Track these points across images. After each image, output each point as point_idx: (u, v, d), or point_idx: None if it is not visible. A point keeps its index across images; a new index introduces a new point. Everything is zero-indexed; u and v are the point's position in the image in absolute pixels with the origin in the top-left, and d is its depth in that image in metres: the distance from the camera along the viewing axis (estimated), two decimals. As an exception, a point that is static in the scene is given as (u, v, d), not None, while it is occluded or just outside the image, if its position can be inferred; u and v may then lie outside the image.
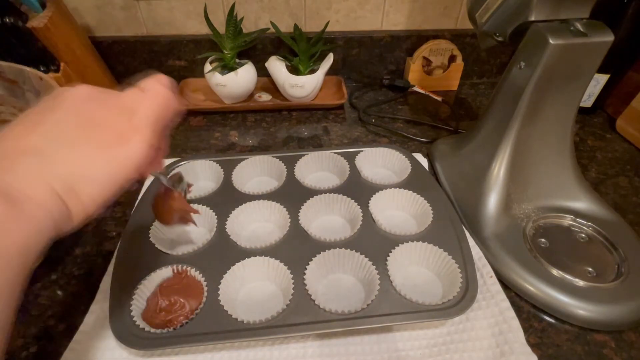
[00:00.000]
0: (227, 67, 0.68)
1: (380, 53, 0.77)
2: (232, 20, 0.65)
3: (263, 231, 0.49)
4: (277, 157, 0.56)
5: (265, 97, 0.73)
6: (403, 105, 0.76)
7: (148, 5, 0.69)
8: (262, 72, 0.72)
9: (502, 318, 0.40)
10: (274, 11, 0.72)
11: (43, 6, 0.59)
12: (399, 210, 0.52)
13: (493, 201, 0.48)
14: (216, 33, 0.67)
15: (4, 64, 0.47)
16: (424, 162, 0.59)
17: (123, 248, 0.45)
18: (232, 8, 0.65)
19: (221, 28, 0.67)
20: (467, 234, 0.47)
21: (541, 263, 0.44)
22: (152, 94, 0.27)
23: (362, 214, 0.48)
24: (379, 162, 0.59)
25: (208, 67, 0.67)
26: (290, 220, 0.48)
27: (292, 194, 0.51)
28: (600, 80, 0.66)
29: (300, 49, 0.69)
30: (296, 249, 0.44)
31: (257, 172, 0.57)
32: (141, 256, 0.44)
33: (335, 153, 0.57)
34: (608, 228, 0.47)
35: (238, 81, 0.67)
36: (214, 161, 0.56)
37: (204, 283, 0.41)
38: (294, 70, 0.71)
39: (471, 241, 0.47)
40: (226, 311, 0.38)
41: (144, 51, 0.73)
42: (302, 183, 0.53)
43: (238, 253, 0.44)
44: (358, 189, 0.52)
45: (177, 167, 0.55)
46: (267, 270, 0.43)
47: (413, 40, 0.76)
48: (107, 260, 0.45)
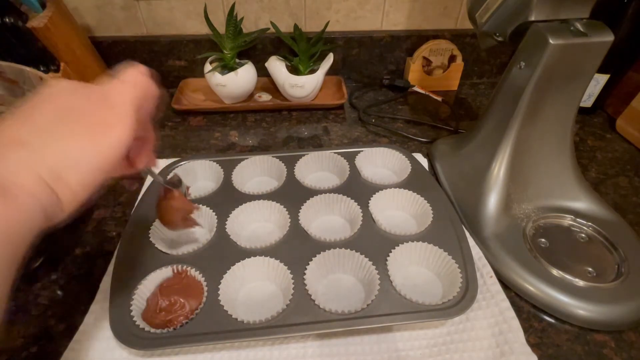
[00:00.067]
0: (227, 67, 0.68)
1: (380, 53, 0.77)
2: (232, 20, 0.65)
3: (263, 231, 0.49)
4: (277, 157, 0.56)
5: (265, 97, 0.73)
6: (403, 105, 0.76)
7: (148, 5, 0.69)
8: (262, 72, 0.72)
9: (502, 318, 0.40)
10: (274, 11, 0.72)
11: (43, 6, 0.59)
12: (399, 210, 0.52)
13: (493, 201, 0.48)
14: (216, 33, 0.67)
15: (4, 64, 0.47)
16: (424, 162, 0.59)
17: (123, 248, 0.45)
18: (232, 8, 0.65)
19: (221, 28, 0.67)
20: (467, 234, 0.47)
21: (541, 263, 0.44)
22: (131, 83, 0.27)
23: (362, 214, 0.48)
24: (379, 162, 0.59)
25: (208, 67, 0.67)
26: (290, 220, 0.48)
27: (292, 194, 0.51)
28: (600, 80, 0.66)
29: (300, 49, 0.69)
30: (296, 249, 0.44)
31: (257, 172, 0.57)
32: (141, 256, 0.44)
33: (335, 153, 0.57)
34: (608, 228, 0.47)
35: (238, 81, 0.68)
36: (214, 161, 0.56)
37: (204, 283, 0.41)
38: (294, 70, 0.71)
39: (471, 241, 0.47)
40: (226, 311, 0.38)
41: (144, 51, 0.73)
42: (302, 183, 0.53)
43: (238, 253, 0.44)
44: (358, 189, 0.52)
45: (177, 167, 0.55)
46: (267, 270, 0.43)
47: (413, 40, 0.76)
48: (107, 260, 0.45)
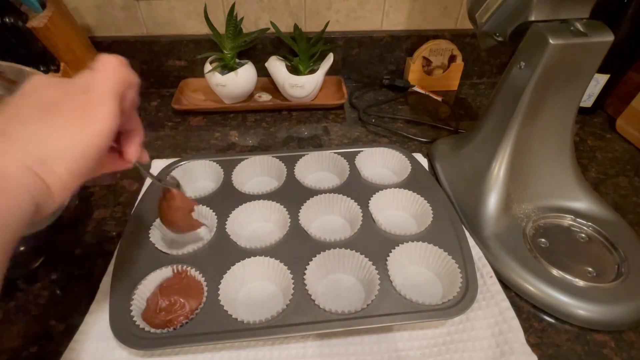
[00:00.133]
0: (227, 67, 0.68)
1: (380, 53, 0.77)
2: (232, 20, 0.65)
3: (263, 231, 0.49)
4: (277, 157, 0.56)
5: (265, 97, 0.73)
6: (403, 105, 0.76)
7: (148, 5, 0.69)
8: (262, 72, 0.72)
9: (502, 318, 0.40)
10: (274, 11, 0.72)
11: (43, 6, 0.59)
12: (399, 210, 0.52)
13: (493, 201, 0.48)
14: (216, 33, 0.67)
15: (4, 64, 0.47)
16: (424, 162, 0.59)
17: (123, 248, 0.45)
18: (232, 8, 0.65)
19: (221, 28, 0.67)
20: (467, 234, 0.47)
21: (541, 263, 0.44)
22: (108, 71, 0.28)
23: (362, 214, 0.48)
24: (379, 162, 0.59)
25: (208, 67, 0.67)
26: (290, 220, 0.48)
27: (292, 194, 0.51)
28: (600, 80, 0.66)
29: (300, 49, 0.69)
30: (296, 249, 0.44)
31: (257, 172, 0.57)
32: (141, 256, 0.44)
33: (335, 153, 0.57)
34: (608, 228, 0.47)
35: (238, 81, 0.68)
36: (214, 161, 0.56)
37: (204, 283, 0.41)
38: (294, 70, 0.71)
39: (471, 241, 0.47)
40: (226, 311, 0.38)
41: (144, 51, 0.73)
42: (302, 183, 0.53)
43: (238, 253, 0.44)
44: (358, 189, 0.52)
45: (177, 167, 0.55)
46: (267, 270, 0.43)
47: (413, 40, 0.76)
48: (107, 260, 0.45)
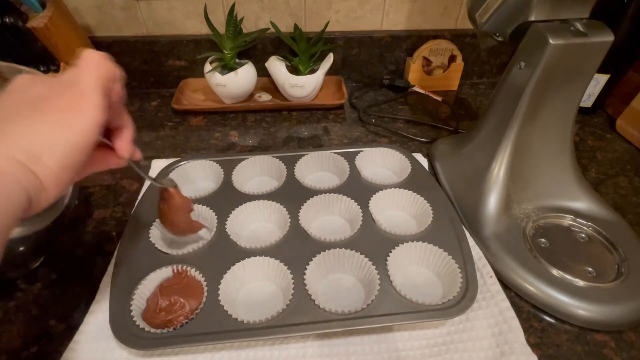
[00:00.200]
0: (227, 67, 0.68)
1: (380, 53, 0.77)
2: (232, 20, 0.65)
3: (263, 231, 0.49)
4: (277, 157, 0.56)
5: (265, 97, 0.73)
6: (403, 105, 0.76)
7: (148, 5, 0.69)
8: (262, 72, 0.72)
9: (502, 318, 0.40)
10: (274, 11, 0.72)
11: (43, 6, 0.59)
12: (399, 210, 0.52)
13: (493, 201, 0.48)
14: (216, 33, 0.67)
15: (3, 64, 0.47)
16: (424, 162, 0.59)
17: (123, 248, 0.45)
18: (232, 8, 0.65)
19: (221, 28, 0.67)
20: (467, 234, 0.47)
21: (541, 263, 0.44)
22: (92, 66, 0.28)
23: (362, 214, 0.48)
24: (379, 162, 0.59)
25: (208, 67, 0.67)
26: (290, 220, 0.48)
27: (292, 194, 0.51)
28: (600, 80, 0.66)
29: (300, 49, 0.69)
30: (296, 249, 0.44)
31: (257, 172, 0.57)
32: (141, 256, 0.44)
33: (335, 153, 0.57)
34: (608, 228, 0.47)
35: (238, 81, 0.68)
36: (214, 161, 0.56)
37: (204, 283, 0.41)
38: (294, 70, 0.71)
39: (471, 241, 0.47)
40: (226, 311, 0.38)
41: (144, 51, 0.73)
42: (302, 183, 0.53)
43: (238, 253, 0.44)
44: (358, 189, 0.52)
45: (177, 167, 0.55)
46: (267, 270, 0.43)
47: (413, 40, 0.76)
48: (107, 260, 0.45)
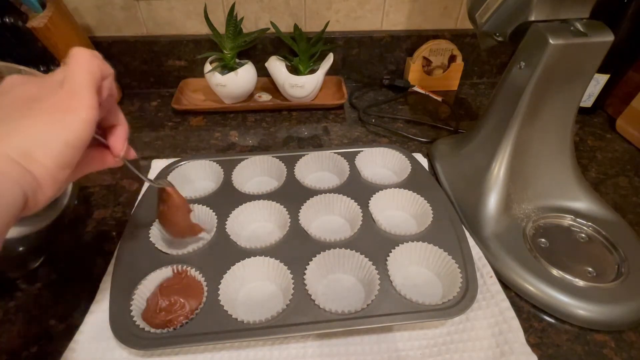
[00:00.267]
0: (227, 67, 0.68)
1: (380, 53, 0.77)
2: (232, 20, 0.65)
3: (263, 231, 0.49)
4: (277, 157, 0.56)
5: (265, 97, 0.73)
6: (403, 105, 0.76)
7: (148, 5, 0.69)
8: (262, 72, 0.72)
9: (502, 318, 0.40)
10: (274, 11, 0.72)
11: (43, 6, 0.59)
12: (399, 210, 0.52)
13: (493, 201, 0.48)
14: (216, 33, 0.67)
15: (1, 64, 0.47)
16: (424, 162, 0.59)
17: (123, 248, 0.45)
18: (232, 8, 0.65)
19: (221, 28, 0.67)
20: (467, 234, 0.47)
21: (541, 263, 0.44)
22: (76, 62, 0.28)
23: (362, 214, 0.48)
24: (379, 162, 0.59)
25: (208, 67, 0.67)
26: (290, 220, 0.48)
27: (292, 194, 0.51)
28: (600, 80, 0.66)
29: (300, 49, 0.69)
30: (296, 249, 0.44)
31: (257, 172, 0.57)
32: (141, 256, 0.44)
33: (335, 153, 0.57)
34: (608, 228, 0.47)
35: (238, 81, 0.68)
36: (214, 161, 0.56)
37: (204, 283, 0.41)
38: (294, 70, 0.71)
39: (471, 241, 0.47)
40: (226, 311, 0.38)
41: (144, 51, 0.73)
42: (302, 183, 0.53)
43: (238, 253, 0.44)
44: (358, 189, 0.52)
45: (177, 167, 0.55)
46: (267, 270, 0.43)
47: (413, 40, 0.76)
48: (107, 260, 0.45)
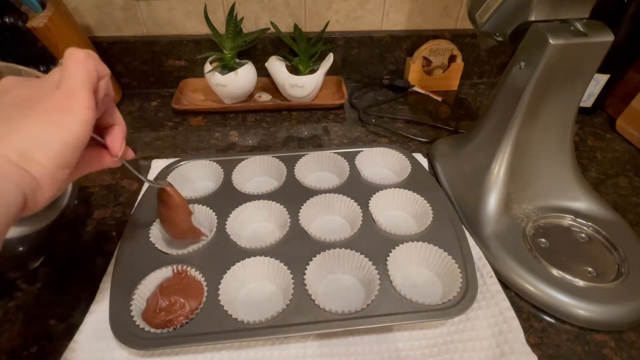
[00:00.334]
0: (227, 67, 0.68)
1: (380, 53, 0.77)
2: (232, 20, 0.65)
3: (263, 231, 0.49)
4: (277, 157, 0.56)
5: (265, 97, 0.73)
6: (403, 105, 0.76)
7: (148, 5, 0.69)
8: (262, 72, 0.72)
9: (502, 318, 0.40)
10: (274, 11, 0.72)
11: (43, 6, 0.59)
12: (399, 210, 0.52)
13: (493, 201, 0.48)
14: (216, 33, 0.67)
15: (1, 64, 0.47)
16: (424, 162, 0.59)
17: (123, 248, 0.45)
18: (232, 8, 0.65)
19: (221, 28, 0.67)
20: (467, 234, 0.47)
21: (541, 263, 0.44)
22: (72, 63, 0.28)
23: (362, 214, 0.48)
24: (379, 162, 0.59)
25: (208, 67, 0.67)
26: (290, 220, 0.48)
27: (292, 194, 0.51)
28: (600, 80, 0.66)
29: (300, 49, 0.69)
30: (296, 249, 0.44)
31: (257, 172, 0.57)
32: (141, 256, 0.44)
33: (335, 153, 0.57)
34: (608, 228, 0.47)
35: (238, 81, 0.67)
36: (214, 161, 0.56)
37: (204, 283, 0.41)
38: (294, 70, 0.71)
39: (471, 241, 0.47)
40: (226, 311, 0.38)
41: (144, 51, 0.73)
42: (302, 183, 0.53)
43: (238, 253, 0.44)
44: (358, 189, 0.52)
45: (177, 167, 0.55)
46: (267, 270, 0.43)
47: (413, 40, 0.76)
48: (107, 260, 0.45)
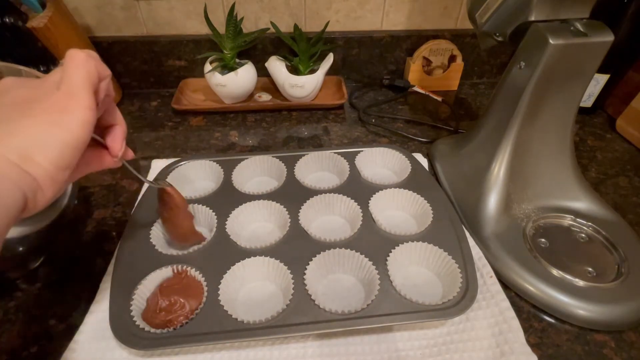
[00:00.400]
0: (227, 67, 0.68)
1: (380, 53, 0.77)
2: (232, 20, 0.65)
3: (263, 231, 0.49)
4: (277, 157, 0.56)
5: (265, 97, 0.73)
6: (403, 105, 0.76)
7: (148, 5, 0.69)
8: (262, 72, 0.72)
9: (502, 318, 0.40)
10: (274, 11, 0.72)
11: (43, 6, 0.59)
12: (399, 210, 0.52)
13: (493, 201, 0.48)
14: (216, 33, 0.67)
15: (1, 64, 0.47)
16: (424, 162, 0.59)
17: (123, 248, 0.45)
18: (232, 8, 0.65)
19: (221, 28, 0.67)
20: (467, 234, 0.47)
21: (541, 263, 0.44)
22: (72, 64, 0.28)
23: (362, 214, 0.48)
24: (379, 162, 0.59)
25: (208, 67, 0.67)
26: (290, 220, 0.48)
27: (292, 194, 0.51)
28: (600, 80, 0.66)
29: (300, 49, 0.69)
30: (296, 249, 0.44)
31: (257, 172, 0.57)
32: (141, 256, 0.44)
33: (335, 153, 0.57)
34: (608, 228, 0.47)
35: (238, 81, 0.67)
36: (214, 161, 0.56)
37: (204, 283, 0.41)
38: (294, 70, 0.71)
39: (471, 241, 0.47)
40: (226, 311, 0.38)
41: (144, 51, 0.73)
42: (302, 183, 0.53)
43: (238, 253, 0.44)
44: (358, 189, 0.52)
45: (177, 167, 0.55)
46: (267, 270, 0.43)
47: (413, 40, 0.76)
48: (107, 260, 0.45)
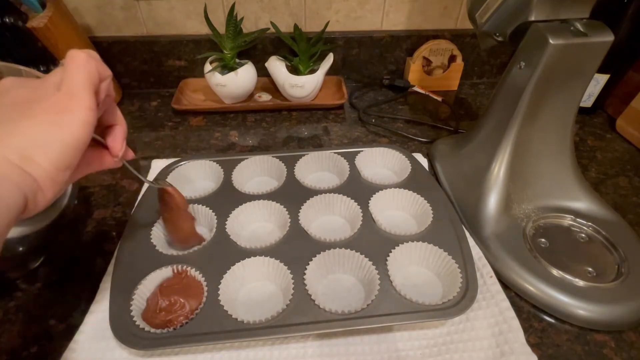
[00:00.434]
0: (227, 67, 0.68)
1: (380, 53, 0.77)
2: (232, 20, 0.65)
3: (263, 231, 0.49)
4: (277, 157, 0.56)
5: (265, 97, 0.73)
6: (403, 105, 0.76)
7: (148, 5, 0.69)
8: (262, 72, 0.72)
9: (502, 318, 0.40)
10: (274, 11, 0.72)
11: (43, 6, 0.59)
12: (399, 210, 0.52)
13: (493, 201, 0.48)
14: (216, 33, 0.67)
15: (1, 64, 0.47)
16: (424, 162, 0.59)
17: (123, 248, 0.45)
18: (232, 8, 0.65)
19: (221, 28, 0.67)
20: (467, 234, 0.47)
21: (541, 263, 0.44)
22: (73, 64, 0.28)
23: (362, 214, 0.48)
24: (379, 162, 0.59)
25: (208, 67, 0.67)
26: (290, 220, 0.48)
27: (292, 194, 0.51)
28: (600, 80, 0.66)
29: (300, 49, 0.69)
30: (296, 249, 0.44)
31: (257, 172, 0.57)
32: (141, 256, 0.44)
33: (335, 153, 0.57)
34: (608, 228, 0.47)
35: (238, 81, 0.67)
36: (214, 161, 0.56)
37: (204, 283, 0.41)
38: (294, 70, 0.71)
39: (471, 241, 0.47)
40: (226, 311, 0.38)
41: (144, 51, 0.73)
42: (302, 183, 0.53)
43: (238, 253, 0.44)
44: (358, 189, 0.52)
45: (178, 167, 0.55)
46: (267, 270, 0.43)
47: (413, 40, 0.76)
48: (107, 260, 0.45)
